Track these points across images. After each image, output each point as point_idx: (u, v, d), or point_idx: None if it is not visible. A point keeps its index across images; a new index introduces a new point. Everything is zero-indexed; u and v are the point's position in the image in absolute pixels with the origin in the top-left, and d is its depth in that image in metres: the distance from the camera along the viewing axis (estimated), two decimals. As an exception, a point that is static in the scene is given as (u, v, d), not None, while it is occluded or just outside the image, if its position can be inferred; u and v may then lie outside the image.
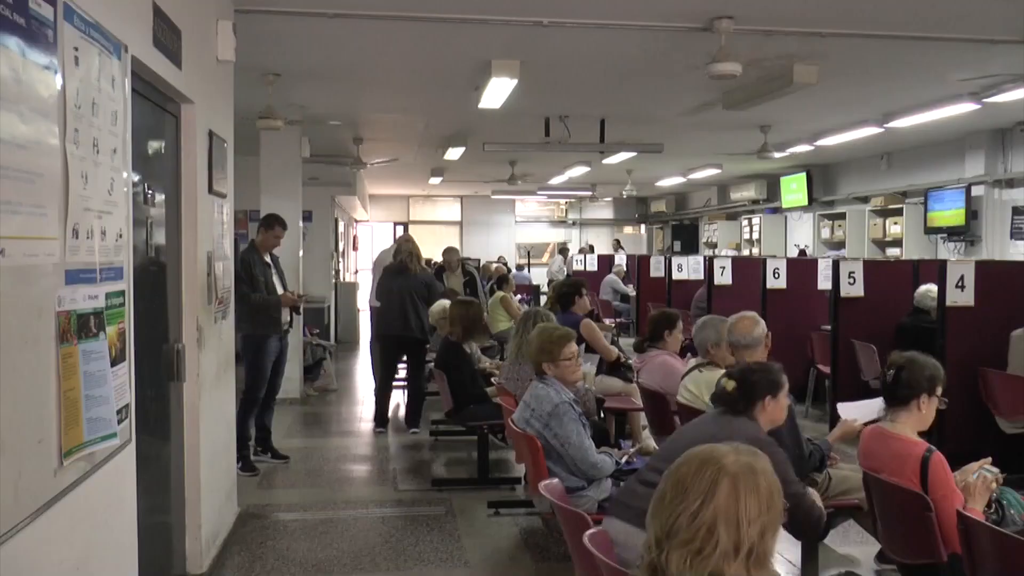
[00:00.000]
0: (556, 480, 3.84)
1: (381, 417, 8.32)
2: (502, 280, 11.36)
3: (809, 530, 3.63)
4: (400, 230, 23.39)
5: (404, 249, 8.51)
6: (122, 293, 3.04)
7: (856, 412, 4.49)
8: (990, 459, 3.54)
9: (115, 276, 2.96)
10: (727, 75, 6.28)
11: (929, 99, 9.11)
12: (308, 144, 10.82)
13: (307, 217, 10.58)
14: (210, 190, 4.81)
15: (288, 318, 7.05)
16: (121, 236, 3.06)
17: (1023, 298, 6.38)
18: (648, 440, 5.98)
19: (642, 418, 6.47)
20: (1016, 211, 11.22)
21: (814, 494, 3.70)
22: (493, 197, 20.30)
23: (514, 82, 7.40)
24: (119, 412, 2.92)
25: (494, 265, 16.56)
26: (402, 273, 8.31)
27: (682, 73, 7.46)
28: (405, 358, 8.49)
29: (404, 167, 15.32)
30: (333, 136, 11.42)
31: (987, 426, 6.28)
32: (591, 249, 20.35)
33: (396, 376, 8.80)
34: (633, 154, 12.10)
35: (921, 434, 3.67)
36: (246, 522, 5.60)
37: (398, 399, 8.93)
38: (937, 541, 3.27)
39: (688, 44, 6.50)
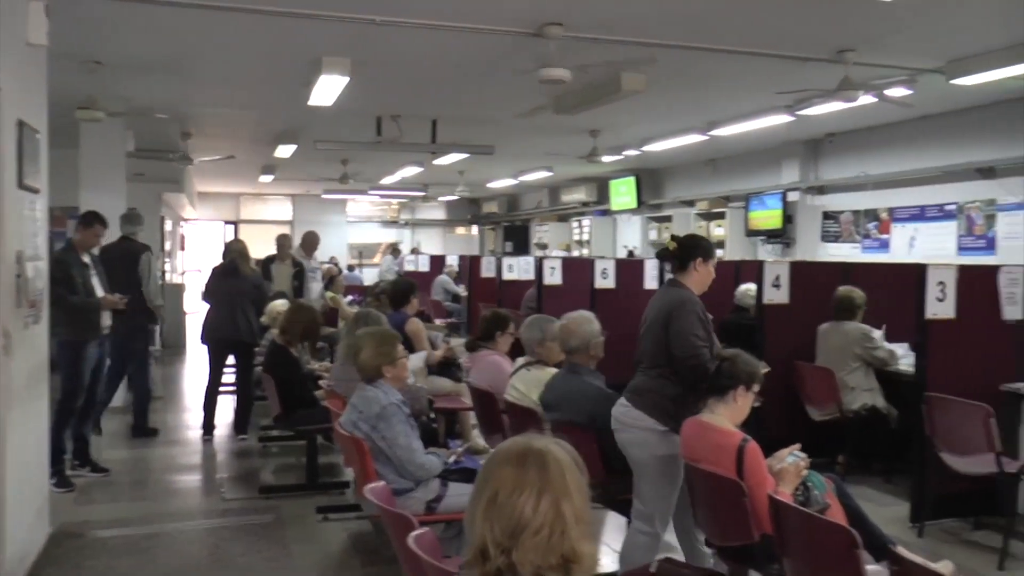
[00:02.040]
0: (382, 483, 3.82)
1: (208, 424, 8.05)
2: (331, 280, 11.22)
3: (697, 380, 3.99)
4: (230, 229, 22.71)
5: (235, 249, 8.27)
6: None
7: None
8: (799, 445, 3.77)
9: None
10: (556, 80, 6.42)
11: (750, 110, 9.62)
12: (132, 138, 10.32)
13: (131, 214, 10.10)
14: (20, 184, 4.52)
15: (109, 322, 6.70)
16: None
17: (830, 295, 6.80)
18: (478, 439, 6.04)
19: (472, 417, 6.52)
20: (826, 216, 11.98)
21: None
22: (325, 196, 20.00)
23: (345, 80, 7.32)
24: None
25: (325, 265, 16.27)
26: (232, 274, 8.08)
27: (514, 77, 7.56)
28: (234, 362, 8.25)
29: (234, 164, 14.87)
30: (160, 130, 10.92)
31: (799, 414, 6.67)
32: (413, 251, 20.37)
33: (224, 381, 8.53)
34: (465, 155, 12.19)
35: (742, 423, 3.88)
36: (60, 542, 5.26)
37: (226, 405, 8.64)
38: (751, 523, 3.46)
39: (519, 48, 6.60)
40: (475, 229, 25.75)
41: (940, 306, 5.61)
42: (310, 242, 11.00)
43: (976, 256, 9.53)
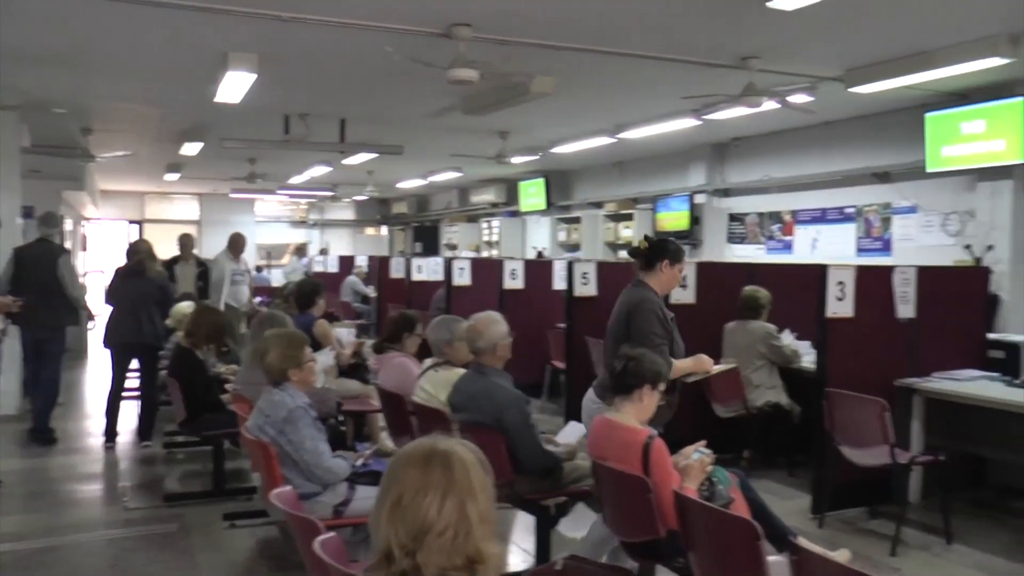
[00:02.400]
0: (289, 488, 3.76)
1: (110, 431, 7.80)
2: (237, 283, 11.01)
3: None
4: (135, 229, 22.08)
5: (142, 249, 8.04)
6: None
7: (572, 433, 4.75)
8: (704, 442, 3.85)
9: None
10: (465, 81, 6.42)
11: (657, 114, 9.77)
12: (28, 133, 9.94)
13: (27, 214, 9.68)
14: None
15: (2, 325, 6.45)
16: None
17: (736, 295, 6.95)
18: (386, 441, 6.00)
19: (381, 419, 6.48)
20: (732, 218, 12.25)
21: None
22: (232, 196, 19.63)
23: (253, 76, 7.20)
24: None
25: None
26: (137, 275, 7.85)
27: (422, 77, 7.55)
28: (138, 366, 8.01)
29: (139, 161, 14.51)
30: (58, 125, 10.52)
31: (705, 412, 6.79)
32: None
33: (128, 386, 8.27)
34: (374, 155, 12.12)
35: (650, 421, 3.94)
36: (-54, 560, 5.01)
37: (130, 410, 8.39)
38: (656, 519, 3.51)
39: (428, 48, 6.58)
40: (384, 230, 25.57)
41: (840, 305, 5.80)
42: (237, 244, 10.79)
43: (873, 257, 9.87)
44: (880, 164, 9.73)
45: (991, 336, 6.94)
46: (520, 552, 5.09)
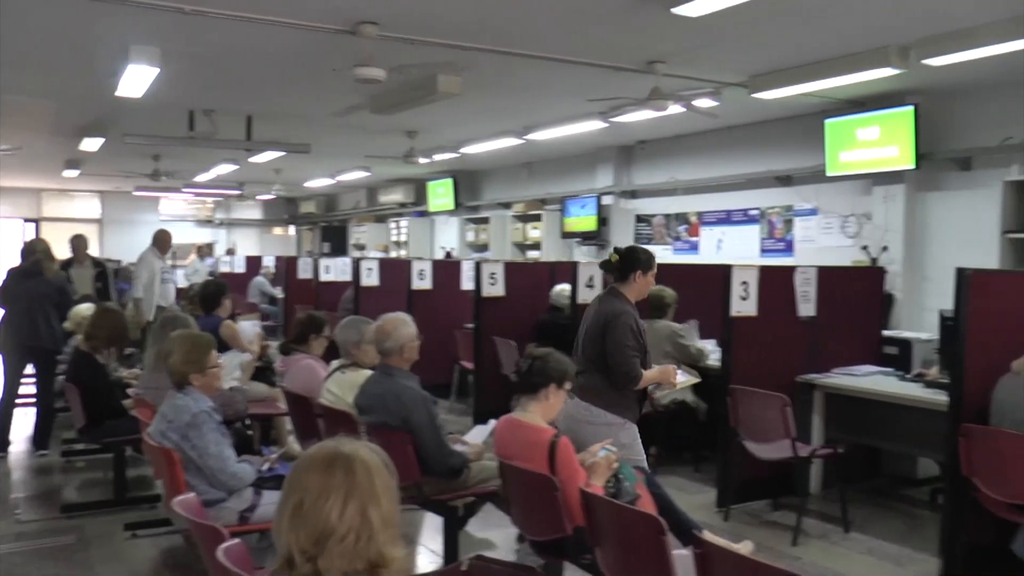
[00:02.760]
0: (192, 495, 3.67)
1: (3, 440, 7.48)
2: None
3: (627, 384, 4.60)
4: (31, 228, 21.31)
5: (39, 249, 7.75)
6: None
7: (479, 433, 4.78)
8: (611, 440, 3.90)
9: None
10: (372, 79, 6.38)
11: (565, 115, 9.84)
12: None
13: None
14: None
15: None
16: None
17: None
18: (294, 445, 5.91)
19: (288, 423, 6.38)
20: (639, 219, 12.42)
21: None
22: (136, 194, 19.05)
23: (155, 70, 7.02)
24: None
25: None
26: (33, 276, 7.57)
27: (329, 74, 7.46)
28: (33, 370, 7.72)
29: (34, 156, 13.98)
30: (-60, 117, 10.12)
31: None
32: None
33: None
34: (281, 153, 11.93)
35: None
36: None
37: (25, 418, 8.06)
38: (563, 517, 3.54)
39: (335, 46, 6.52)
40: (292, 229, 25.20)
41: (744, 304, 5.94)
42: (163, 241, 10.49)
43: (776, 257, 10.13)
44: (782, 168, 9.99)
45: (886, 333, 7.21)
46: (428, 553, 5.08)
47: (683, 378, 5.07)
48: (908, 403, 5.52)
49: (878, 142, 8.46)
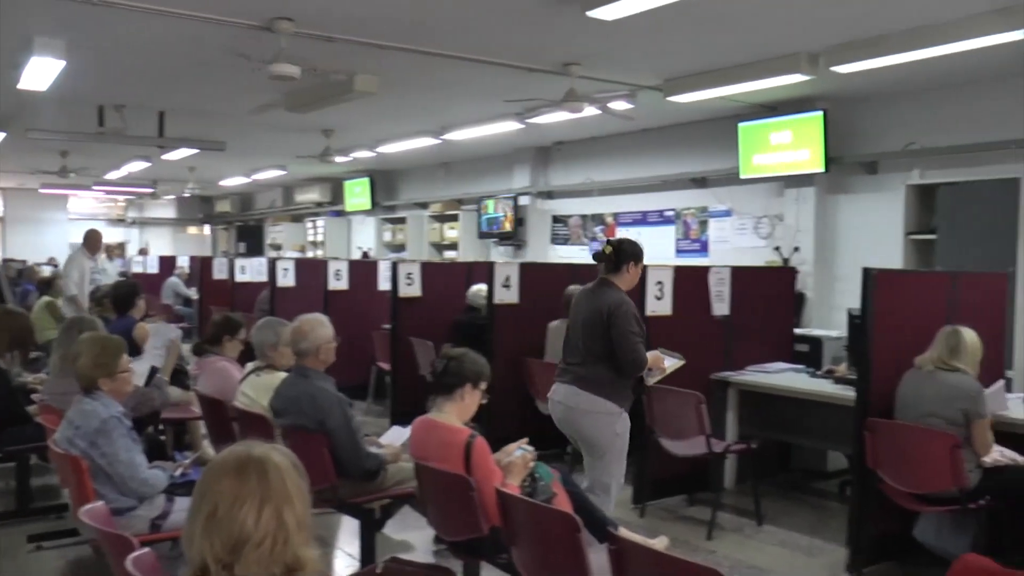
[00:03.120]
0: (101, 503, 3.55)
1: None
2: (48, 284, 10.38)
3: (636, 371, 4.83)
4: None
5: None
6: None
7: (396, 435, 4.76)
8: (527, 439, 3.91)
9: None
10: (287, 77, 6.30)
11: (481, 116, 9.85)
12: None
13: None
14: None
15: None
16: None
17: (559, 294, 7.08)
18: (208, 449, 5.79)
19: (203, 427, 6.24)
20: (556, 219, 12.50)
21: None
22: (42, 191, 18.47)
23: (61, 63, 6.80)
24: None
25: (44, 267, 15.10)
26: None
27: (245, 71, 7.33)
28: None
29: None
30: None
31: (529, 409, 6.92)
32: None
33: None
34: (195, 151, 11.70)
35: (474, 418, 3.98)
36: None
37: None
38: (479, 517, 3.54)
39: (250, 42, 6.41)
40: (207, 229, 24.72)
41: (659, 304, 6.03)
42: (94, 241, 10.17)
43: (691, 258, 10.29)
44: (697, 170, 10.16)
45: (797, 331, 7.39)
46: (345, 557, 5.03)
47: (671, 362, 5.23)
48: (818, 399, 5.68)
49: (790, 145, 8.67)
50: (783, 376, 6.19)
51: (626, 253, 4.88)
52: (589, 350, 4.77)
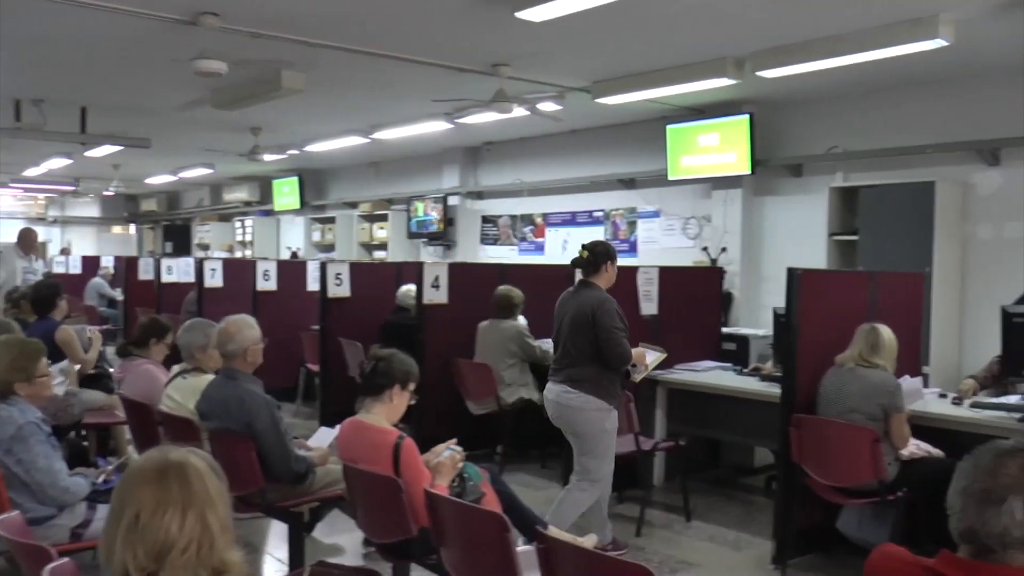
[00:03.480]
0: (16, 513, 3.42)
1: None
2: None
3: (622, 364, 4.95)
4: None
5: None
6: None
7: (324, 437, 4.70)
8: (455, 440, 3.91)
9: None
10: (212, 73, 6.22)
11: (410, 115, 9.81)
12: None
13: None
14: None
15: None
16: None
17: (488, 295, 7.10)
18: (133, 454, 5.66)
19: (128, 431, 6.09)
20: (485, 219, 12.52)
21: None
22: (-44, 188, 17.94)
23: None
24: None
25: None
26: None
27: (169, 66, 7.19)
28: None
29: None
30: None
31: (459, 409, 6.92)
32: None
33: None
34: (119, 148, 11.45)
35: (403, 419, 3.96)
36: None
37: None
38: (408, 519, 3.53)
39: (175, 36, 6.28)
40: (133, 228, 24.16)
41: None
42: (28, 239, 9.88)
43: (621, 258, 10.29)
44: (626, 171, 10.26)
45: (725, 330, 7.51)
46: (273, 561, 4.97)
47: (653, 356, 5.38)
48: (745, 396, 5.78)
49: (717, 148, 8.81)
50: (711, 374, 6.29)
51: (602, 254, 5.04)
52: (578, 349, 4.91)
